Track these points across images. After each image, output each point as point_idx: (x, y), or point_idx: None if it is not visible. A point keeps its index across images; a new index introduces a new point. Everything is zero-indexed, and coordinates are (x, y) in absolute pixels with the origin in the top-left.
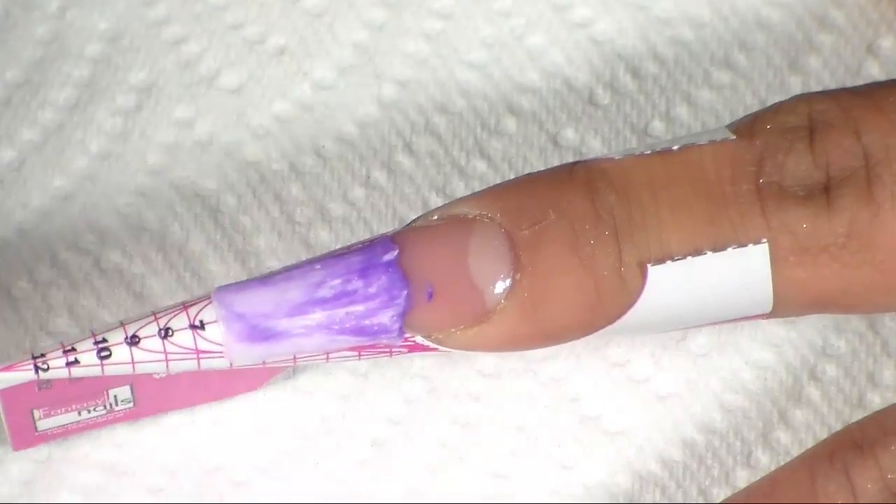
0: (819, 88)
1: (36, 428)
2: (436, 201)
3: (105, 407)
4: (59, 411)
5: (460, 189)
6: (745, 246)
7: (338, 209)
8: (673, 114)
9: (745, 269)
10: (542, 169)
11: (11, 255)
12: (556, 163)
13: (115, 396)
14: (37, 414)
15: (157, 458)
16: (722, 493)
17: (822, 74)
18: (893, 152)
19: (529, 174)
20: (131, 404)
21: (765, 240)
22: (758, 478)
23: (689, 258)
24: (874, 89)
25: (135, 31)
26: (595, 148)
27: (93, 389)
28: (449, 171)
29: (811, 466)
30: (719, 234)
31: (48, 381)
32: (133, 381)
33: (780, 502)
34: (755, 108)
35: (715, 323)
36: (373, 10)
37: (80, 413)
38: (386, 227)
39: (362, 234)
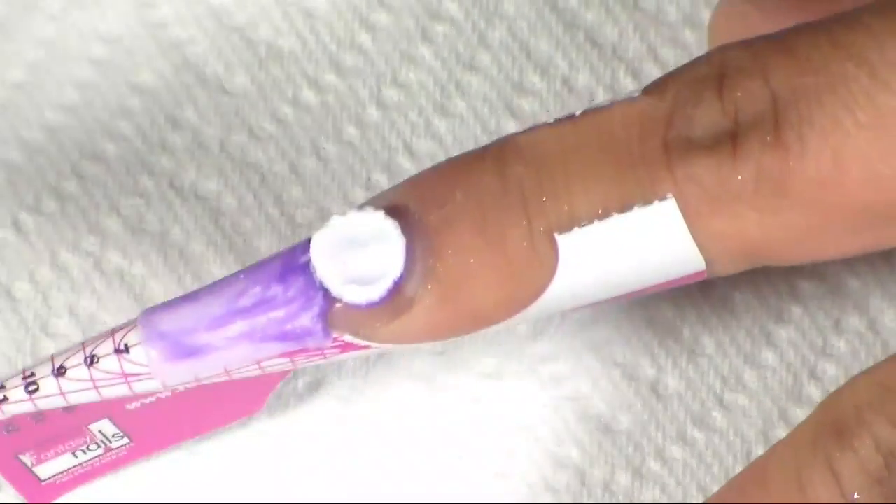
0: None
1: (38, 478)
2: None
3: (98, 444)
4: (48, 455)
5: None
6: (652, 203)
7: (338, 211)
8: None
9: (657, 227)
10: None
11: (12, 255)
12: None
13: (102, 432)
14: (27, 461)
15: (157, 459)
16: None
17: None
18: (801, 93)
19: (449, 158)
20: (126, 440)
21: (670, 195)
22: None
23: (597, 222)
24: (787, 32)
25: (136, 33)
26: None
27: (68, 427)
28: None
29: (796, 455)
30: (625, 194)
31: (11, 421)
32: (109, 413)
33: (771, 499)
34: None
35: (652, 287)
36: (374, 12)
37: (75, 455)
38: None
39: None
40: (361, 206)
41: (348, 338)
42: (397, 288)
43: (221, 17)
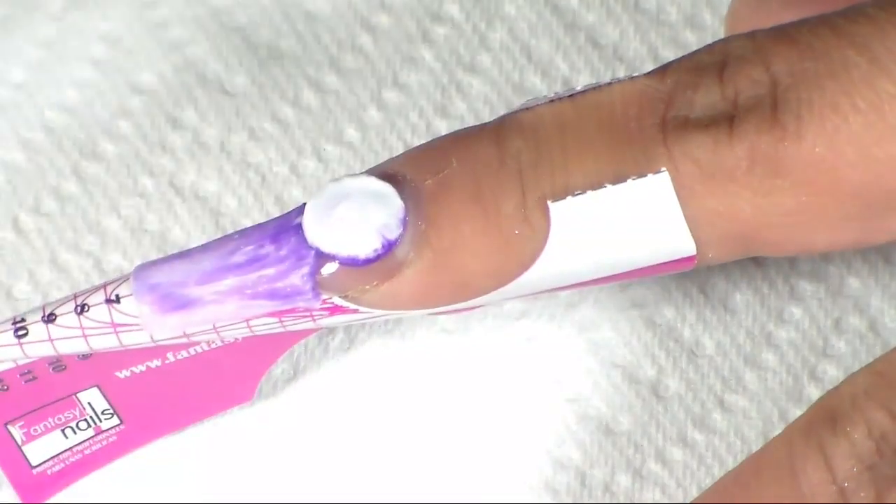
0: None
1: (30, 463)
2: None
3: (88, 422)
4: (38, 430)
5: None
6: (645, 176)
7: None
8: None
9: (650, 202)
10: None
11: (12, 255)
12: None
13: (91, 405)
14: (16, 434)
15: (157, 457)
16: None
17: None
18: (800, 77)
19: (448, 132)
20: (117, 420)
21: (664, 168)
22: None
23: (590, 192)
24: (790, 24)
25: (136, 33)
26: None
27: (55, 391)
28: None
29: (790, 443)
30: (620, 167)
31: (0, 380)
32: (99, 381)
33: (764, 486)
34: None
35: (642, 269)
36: (374, 14)
37: (64, 434)
38: None
39: None
40: (358, 174)
41: (337, 300)
42: (389, 250)
43: (222, 18)
